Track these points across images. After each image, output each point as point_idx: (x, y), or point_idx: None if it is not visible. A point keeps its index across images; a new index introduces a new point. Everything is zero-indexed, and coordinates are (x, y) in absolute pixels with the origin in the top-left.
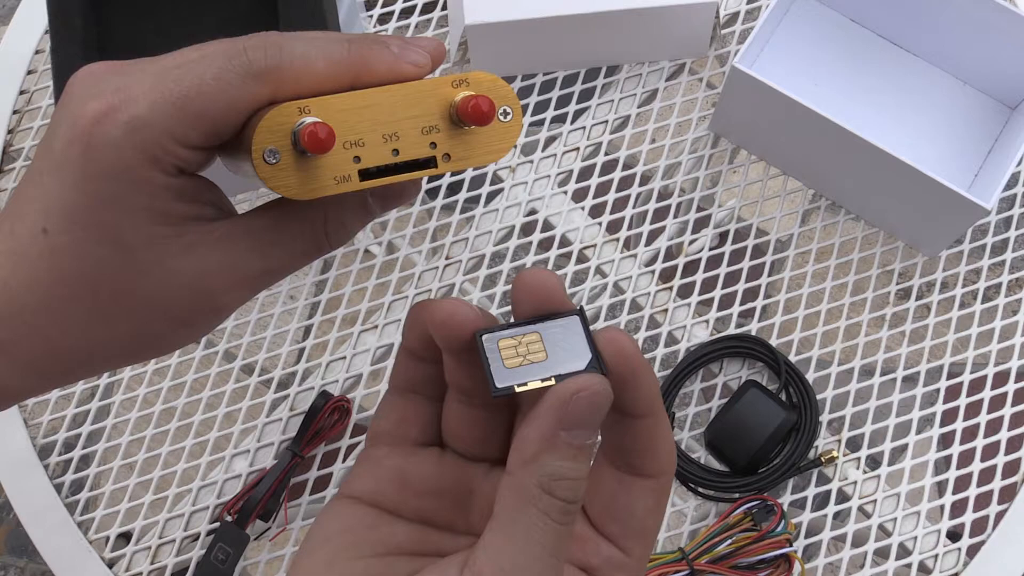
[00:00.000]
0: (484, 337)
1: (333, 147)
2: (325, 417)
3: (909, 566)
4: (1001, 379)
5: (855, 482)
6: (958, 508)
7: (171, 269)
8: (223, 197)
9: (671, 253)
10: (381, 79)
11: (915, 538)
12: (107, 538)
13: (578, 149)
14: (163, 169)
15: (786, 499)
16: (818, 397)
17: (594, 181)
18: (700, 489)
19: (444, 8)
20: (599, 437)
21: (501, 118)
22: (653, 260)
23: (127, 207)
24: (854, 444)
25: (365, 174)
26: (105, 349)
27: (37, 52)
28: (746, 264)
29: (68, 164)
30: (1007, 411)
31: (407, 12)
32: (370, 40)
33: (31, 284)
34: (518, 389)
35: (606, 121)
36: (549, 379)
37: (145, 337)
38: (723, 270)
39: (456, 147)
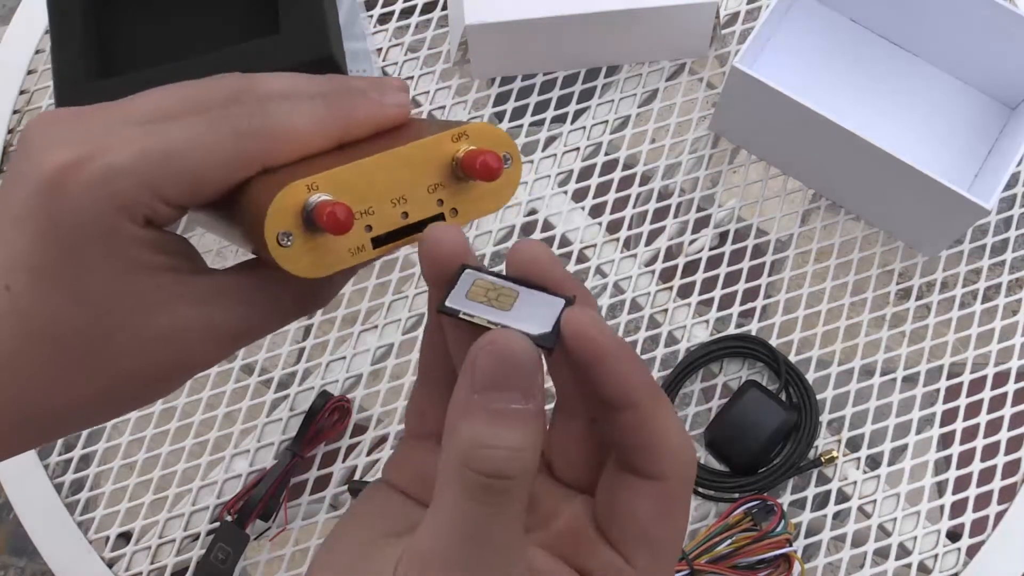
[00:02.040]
0: (467, 271)
1: (353, 226)
2: (325, 417)
3: (909, 566)
4: (1001, 379)
5: (855, 482)
6: (958, 508)
7: (146, 326)
8: (193, 249)
9: (671, 253)
10: (366, 128)
11: (915, 538)
12: (107, 538)
13: (578, 149)
14: (133, 220)
15: (786, 499)
16: (818, 397)
17: (594, 181)
18: (700, 489)
19: (444, 8)
20: (536, 403)
21: (504, 164)
22: (653, 260)
23: (97, 260)
24: (854, 444)
25: (377, 241)
26: (75, 410)
27: (37, 52)
28: (746, 264)
29: (32, 216)
30: (1007, 411)
31: (407, 12)
32: (345, 91)
33: None
34: (462, 315)
35: (606, 121)
36: (495, 324)
37: (118, 396)
38: (723, 270)
39: (462, 200)
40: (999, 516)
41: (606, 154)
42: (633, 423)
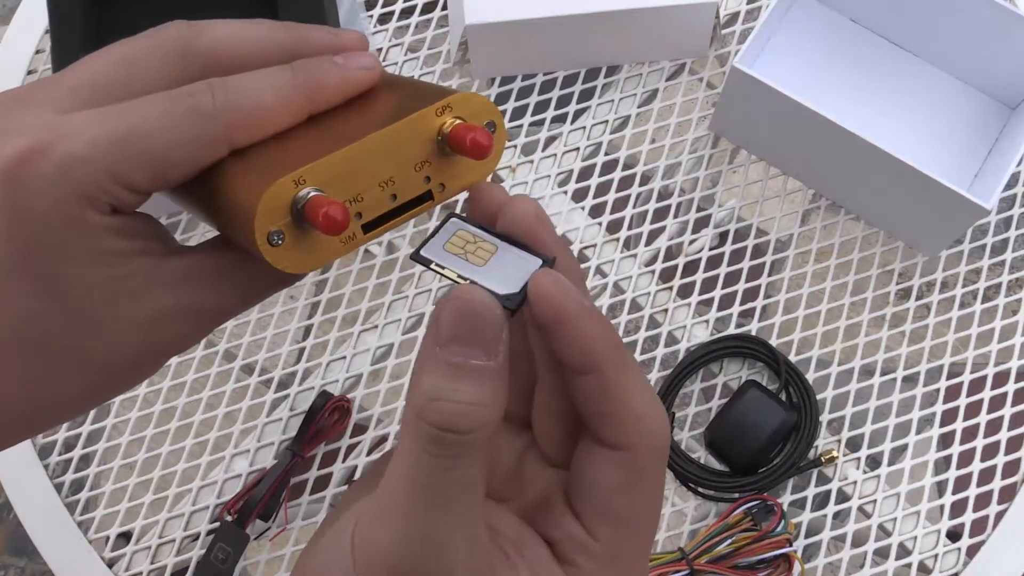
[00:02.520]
0: (453, 219)
1: (350, 224)
2: (325, 417)
3: (909, 566)
4: (1001, 379)
5: (855, 482)
6: (958, 508)
7: (123, 315)
8: (164, 229)
9: (671, 253)
10: (336, 98)
11: (915, 538)
12: (107, 538)
13: (578, 149)
14: (98, 208)
15: (786, 499)
16: (818, 397)
17: (594, 181)
18: (700, 489)
19: (444, 8)
20: (498, 361)
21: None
22: (653, 260)
23: (65, 254)
24: (854, 444)
25: (367, 226)
26: (48, 408)
27: (37, 52)
28: (746, 264)
29: None
30: (1007, 411)
31: (407, 12)
32: (311, 60)
33: None
34: (433, 266)
35: (606, 121)
36: (464, 279)
37: (93, 390)
38: (723, 270)
39: (449, 176)
40: (999, 516)
41: (606, 154)
42: (595, 389)
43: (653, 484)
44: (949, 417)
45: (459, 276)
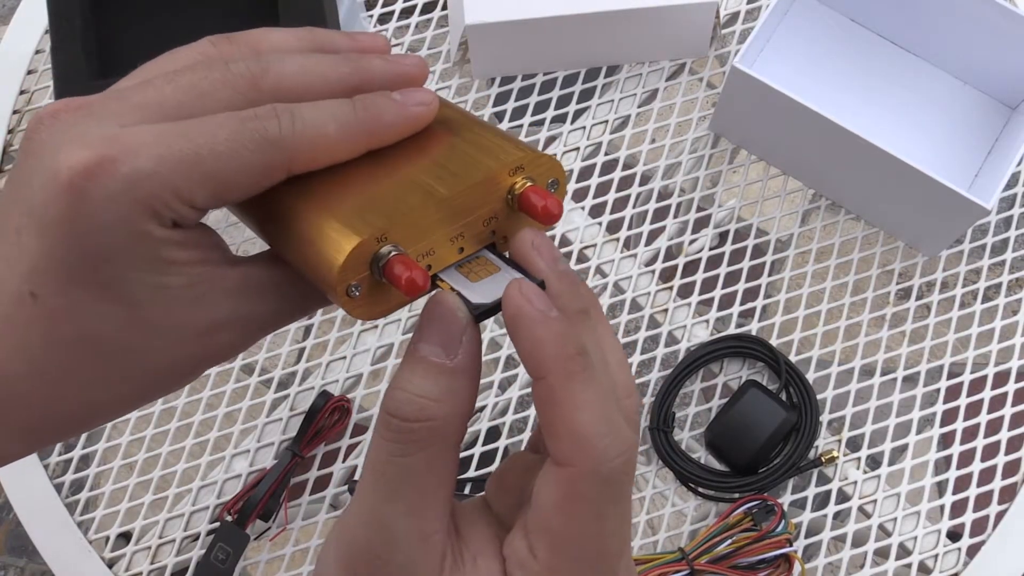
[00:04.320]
0: (486, 251)
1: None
2: (325, 417)
3: (909, 566)
4: (1001, 379)
5: (855, 482)
6: (958, 508)
7: (182, 323)
8: (221, 239)
9: (671, 253)
10: (393, 131)
11: (915, 538)
12: (107, 538)
13: (578, 149)
14: (161, 222)
15: (786, 499)
16: (818, 397)
17: (594, 181)
18: (700, 489)
19: (444, 8)
20: (457, 361)
21: (550, 190)
22: (653, 260)
23: (128, 263)
24: (854, 444)
25: (435, 277)
26: (100, 408)
27: (37, 52)
28: (746, 264)
29: (55, 221)
30: (1007, 411)
31: (407, 12)
32: (371, 96)
33: (20, 351)
34: (438, 281)
35: (606, 121)
36: (455, 290)
37: (142, 394)
38: (723, 270)
39: (512, 229)
40: (999, 516)
41: (606, 154)
42: (543, 397)
43: (596, 512)
44: (949, 417)
45: (451, 287)
